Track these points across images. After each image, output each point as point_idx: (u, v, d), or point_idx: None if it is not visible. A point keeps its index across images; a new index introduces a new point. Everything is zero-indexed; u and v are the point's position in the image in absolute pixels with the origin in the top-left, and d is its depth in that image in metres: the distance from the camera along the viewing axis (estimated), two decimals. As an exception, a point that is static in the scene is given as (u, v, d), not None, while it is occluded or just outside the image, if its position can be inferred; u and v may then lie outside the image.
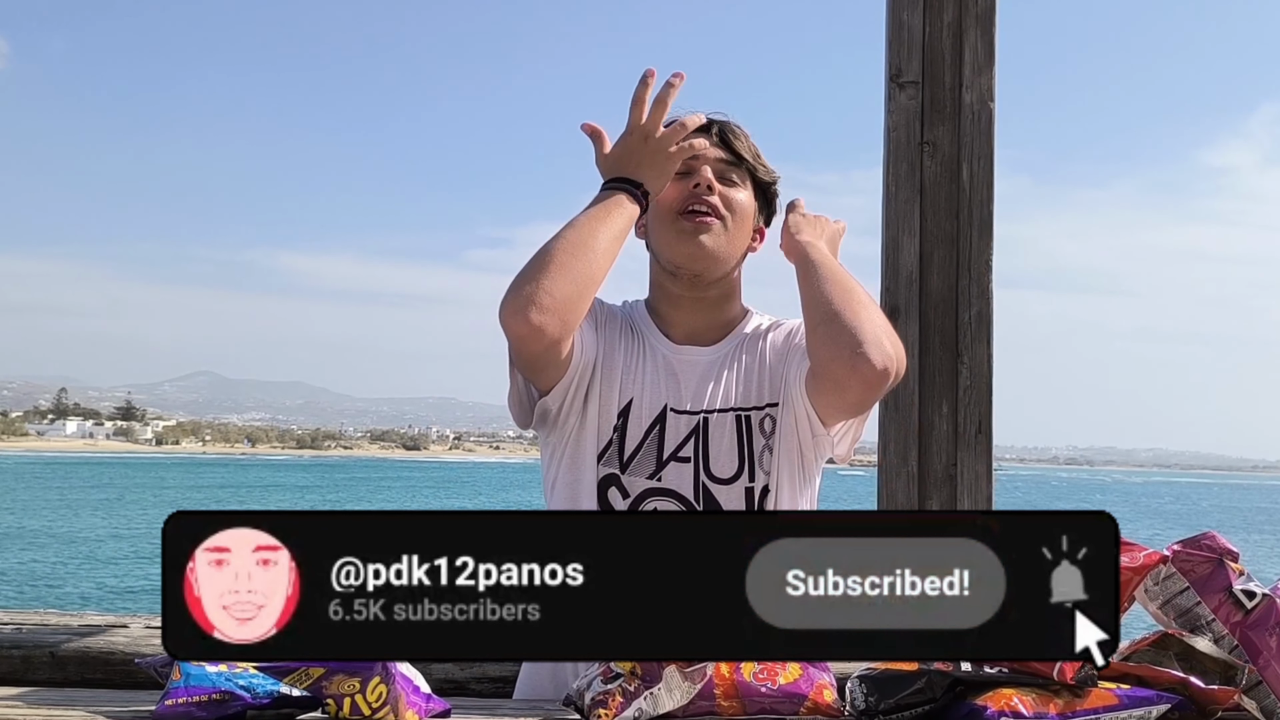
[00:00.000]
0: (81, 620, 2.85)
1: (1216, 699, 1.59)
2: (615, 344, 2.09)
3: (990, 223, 3.08)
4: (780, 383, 2.09)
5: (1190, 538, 1.73)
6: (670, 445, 2.03)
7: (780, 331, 2.17)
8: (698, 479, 2.02)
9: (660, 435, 2.03)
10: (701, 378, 2.08)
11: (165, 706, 1.48)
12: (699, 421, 2.04)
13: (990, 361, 3.04)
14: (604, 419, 2.04)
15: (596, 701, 1.53)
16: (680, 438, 2.03)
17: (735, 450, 2.04)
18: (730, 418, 2.05)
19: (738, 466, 2.03)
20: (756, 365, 2.11)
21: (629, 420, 2.03)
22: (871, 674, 1.61)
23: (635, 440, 2.03)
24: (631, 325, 2.14)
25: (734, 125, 2.12)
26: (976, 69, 3.08)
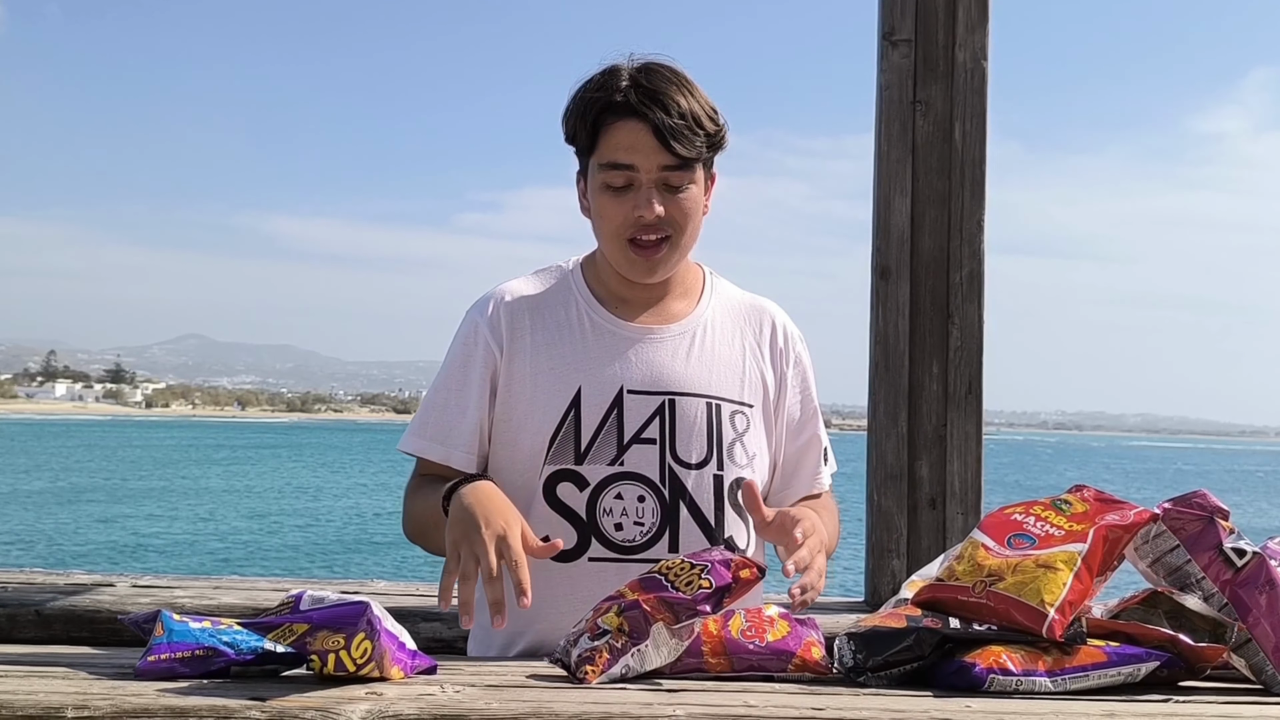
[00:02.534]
0: (68, 579, 2.84)
1: (1205, 656, 1.59)
2: (542, 340, 1.98)
3: (983, 183, 3.06)
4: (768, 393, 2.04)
5: (1181, 496, 1.72)
6: (632, 427, 1.93)
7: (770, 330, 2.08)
8: (663, 461, 1.93)
9: (619, 418, 1.93)
10: (663, 357, 1.98)
11: (148, 663, 1.47)
12: (663, 402, 1.95)
13: (981, 322, 3.03)
14: (544, 417, 1.94)
15: (583, 658, 1.52)
16: (642, 419, 1.94)
17: (704, 436, 1.95)
18: (700, 403, 1.96)
19: (706, 453, 1.95)
20: (735, 359, 2.03)
21: (581, 408, 1.94)
22: (860, 631, 1.61)
23: (592, 427, 1.93)
24: (570, 306, 2.02)
25: (674, 98, 1.89)
26: (970, 27, 3.05)
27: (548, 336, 1.99)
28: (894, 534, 2.99)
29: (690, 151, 1.89)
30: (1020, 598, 1.55)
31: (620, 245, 1.95)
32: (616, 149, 1.90)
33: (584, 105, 1.93)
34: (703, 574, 1.57)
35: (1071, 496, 1.71)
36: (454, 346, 2.03)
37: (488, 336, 1.99)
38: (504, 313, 2.00)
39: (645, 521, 1.91)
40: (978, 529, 1.70)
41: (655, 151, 1.89)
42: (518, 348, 1.98)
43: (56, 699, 1.32)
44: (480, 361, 1.99)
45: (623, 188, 1.92)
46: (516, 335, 1.99)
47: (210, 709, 1.31)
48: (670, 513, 1.92)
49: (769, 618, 1.66)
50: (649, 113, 1.88)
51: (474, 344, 2.00)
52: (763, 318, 2.10)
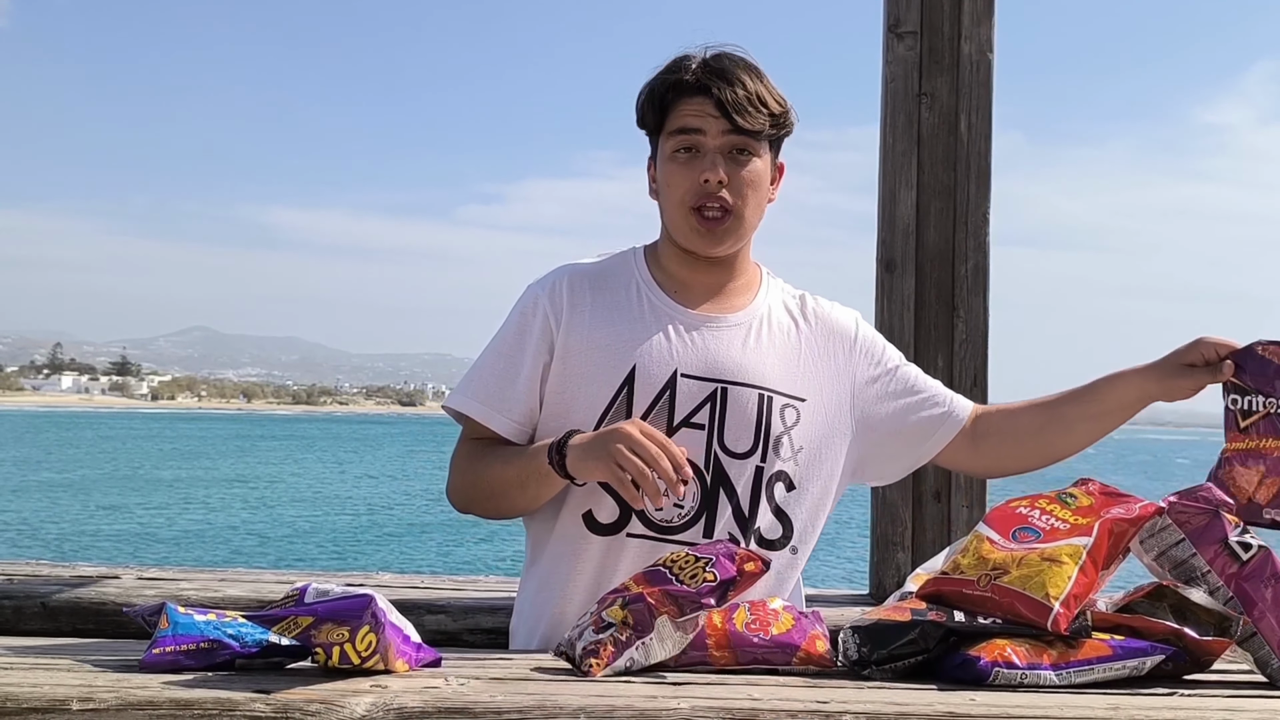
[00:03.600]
0: (73, 571, 2.85)
1: (1211, 650, 1.59)
2: (602, 316, 2.01)
3: (988, 175, 3.06)
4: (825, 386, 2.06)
5: (1186, 489, 1.72)
6: (682, 410, 1.96)
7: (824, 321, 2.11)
8: (710, 448, 1.95)
9: (671, 400, 1.96)
10: (719, 346, 2.00)
11: (153, 655, 1.47)
12: (715, 390, 1.97)
13: (986, 314, 3.02)
14: (597, 391, 1.97)
15: (588, 651, 1.53)
16: (694, 404, 1.96)
17: (752, 427, 1.97)
18: (752, 394, 1.98)
19: (752, 443, 1.97)
20: (792, 352, 2.05)
21: (635, 386, 1.96)
22: (864, 624, 1.60)
23: (643, 406, 1.96)
24: (630, 287, 2.06)
25: (740, 78, 1.96)
26: (975, 19, 3.04)
27: (607, 314, 2.02)
28: (899, 527, 2.99)
29: (752, 124, 1.95)
30: (1025, 591, 1.55)
31: (684, 213, 1.99)
32: (681, 116, 1.97)
33: (653, 86, 2.00)
34: (707, 567, 1.57)
35: (1077, 490, 1.71)
36: (511, 315, 2.07)
37: (547, 308, 2.03)
38: (565, 287, 2.04)
39: (685, 505, 1.94)
40: (982, 522, 1.70)
41: (720, 122, 1.95)
42: (576, 322, 2.01)
43: (62, 691, 1.32)
44: (537, 332, 2.02)
45: (689, 154, 1.97)
46: (576, 309, 2.02)
47: (215, 701, 1.31)
48: (710, 499, 1.95)
49: (773, 611, 1.66)
50: (714, 88, 1.94)
51: (532, 314, 2.04)
52: (817, 312, 2.12)
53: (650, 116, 2.02)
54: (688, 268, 2.06)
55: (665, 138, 2.00)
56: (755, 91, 1.96)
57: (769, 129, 1.98)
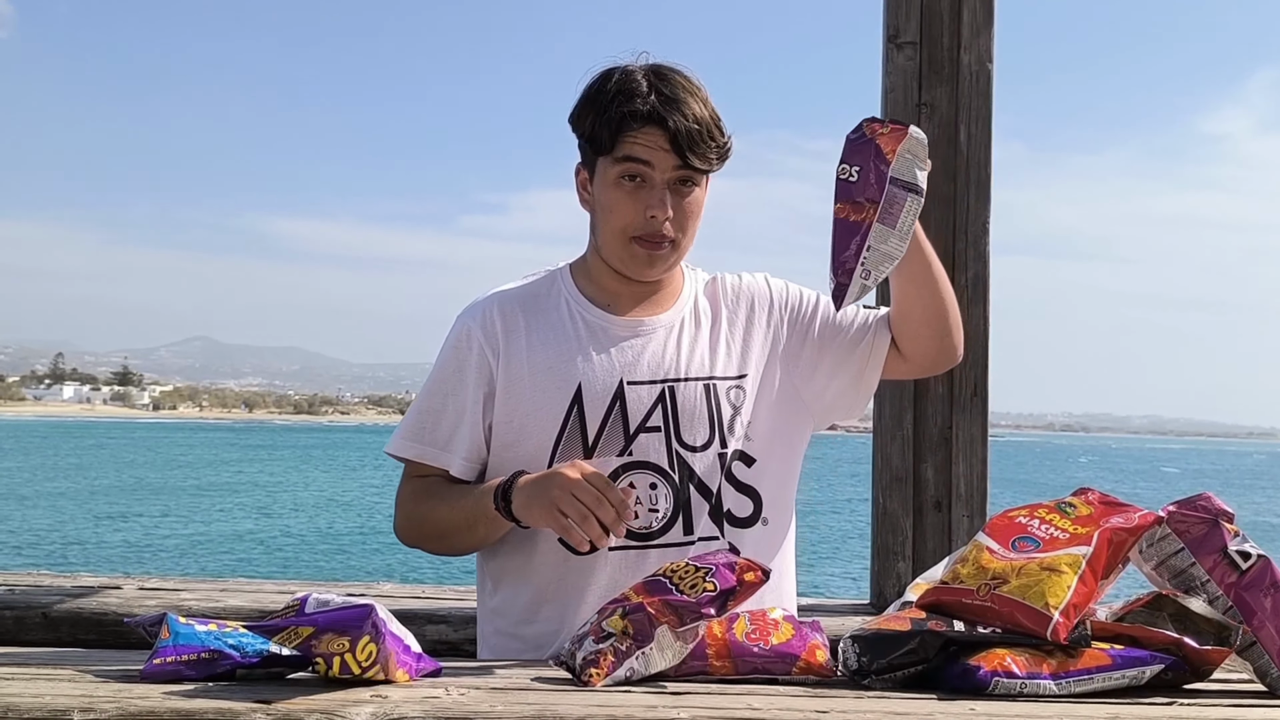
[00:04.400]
0: (75, 581, 2.85)
1: (1210, 659, 1.59)
2: (537, 340, 2.01)
3: (988, 185, 3.07)
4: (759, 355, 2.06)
5: (1186, 498, 1.72)
6: (635, 417, 1.97)
7: (740, 295, 2.12)
8: (670, 446, 1.96)
9: (623, 409, 1.96)
10: (657, 347, 2.02)
11: (154, 665, 1.47)
12: (663, 390, 1.99)
13: (987, 324, 3.03)
14: (547, 416, 1.97)
15: (588, 661, 1.53)
16: (645, 408, 1.98)
17: (705, 418, 1.99)
18: (699, 386, 2.00)
19: (709, 434, 1.98)
20: (721, 335, 2.06)
21: (584, 404, 1.97)
22: (864, 634, 1.60)
23: (596, 421, 1.96)
24: (561, 306, 2.05)
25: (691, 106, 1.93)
26: (975, 30, 3.05)
27: (542, 336, 2.01)
28: (899, 536, 2.99)
29: (703, 163, 1.94)
30: (1024, 600, 1.55)
31: (624, 242, 1.98)
32: (631, 146, 1.93)
33: (604, 106, 1.95)
34: (707, 577, 1.57)
35: (1076, 499, 1.71)
36: (445, 351, 2.06)
37: (481, 340, 2.01)
38: (497, 316, 2.03)
39: (660, 508, 1.95)
40: (982, 532, 1.70)
41: (671, 156, 1.93)
42: (513, 350, 2.01)
43: (63, 701, 1.32)
44: (474, 365, 2.01)
45: (634, 182, 1.95)
46: (511, 338, 2.01)
47: (216, 711, 1.31)
48: (681, 497, 1.96)
49: (773, 620, 1.66)
50: (669, 119, 1.91)
51: (468, 348, 2.02)
52: (723, 288, 2.13)
53: (603, 137, 1.95)
54: (618, 282, 2.06)
55: (610, 161, 1.96)
56: (704, 122, 1.93)
57: (715, 162, 1.97)
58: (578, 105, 2.00)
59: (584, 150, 2.03)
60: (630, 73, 1.96)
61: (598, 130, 1.96)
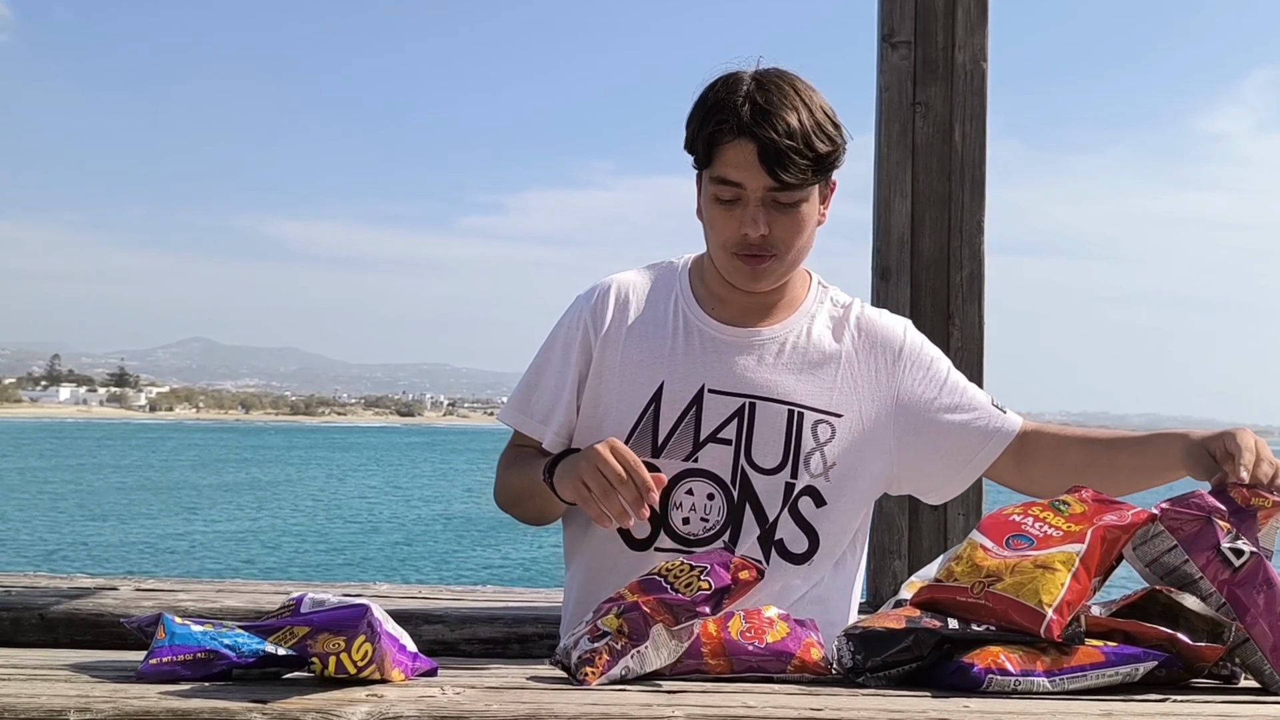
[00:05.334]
0: (71, 583, 2.85)
1: (1204, 656, 1.60)
2: (636, 333, 2.03)
3: (983, 184, 3.06)
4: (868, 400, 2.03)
5: (1179, 496, 1.73)
6: (709, 426, 1.97)
7: (874, 335, 2.08)
8: (736, 463, 1.95)
9: (698, 416, 1.97)
10: (749, 360, 2.00)
11: (150, 665, 1.47)
12: (743, 405, 1.97)
13: (982, 323, 3.03)
14: (626, 408, 1.99)
15: (584, 659, 1.53)
16: (720, 419, 1.97)
17: (782, 443, 1.97)
18: (782, 410, 1.98)
19: (781, 459, 1.97)
20: (830, 366, 2.03)
21: (661, 403, 1.98)
22: (858, 631, 1.61)
23: (670, 422, 1.97)
24: (669, 302, 2.06)
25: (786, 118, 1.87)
26: (970, 28, 3.05)
27: (642, 329, 2.04)
28: (895, 535, 2.99)
29: (794, 178, 1.88)
30: (1018, 598, 1.55)
31: (727, 256, 1.97)
32: (726, 165, 1.91)
33: (702, 118, 1.93)
34: (702, 576, 1.58)
35: (1070, 497, 1.71)
36: (558, 328, 2.11)
37: (588, 323, 2.06)
38: (606, 303, 2.07)
39: (710, 519, 1.96)
40: (976, 530, 1.70)
41: (762, 173, 1.88)
42: (611, 338, 2.04)
43: (59, 702, 1.33)
44: (579, 346, 2.06)
45: (730, 202, 1.93)
46: (613, 326, 2.05)
47: (212, 711, 1.32)
48: (735, 513, 1.96)
49: (768, 619, 1.66)
50: (759, 132, 1.86)
51: (575, 329, 2.07)
52: (861, 323, 2.08)
53: (699, 149, 1.95)
54: (729, 288, 2.04)
55: (709, 179, 1.95)
56: (801, 134, 1.87)
57: (811, 176, 1.90)
58: (689, 115, 1.98)
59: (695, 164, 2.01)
60: (732, 83, 1.92)
61: (696, 144, 1.96)
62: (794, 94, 1.90)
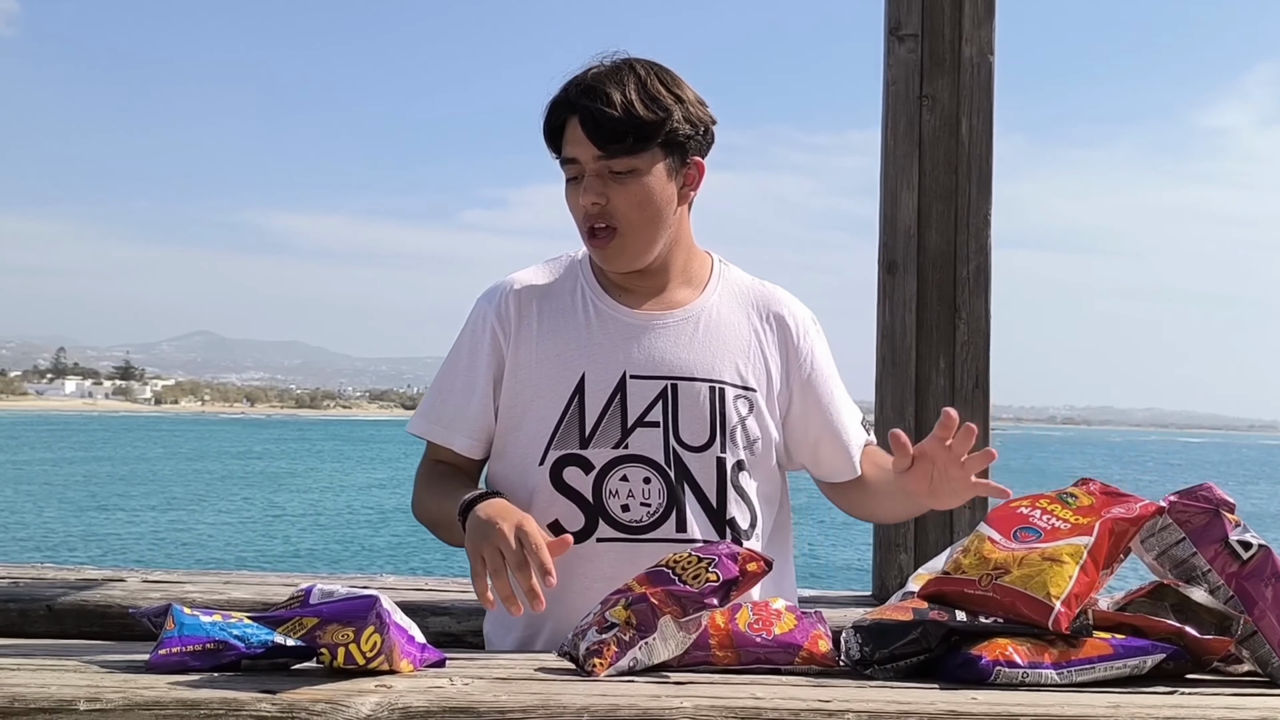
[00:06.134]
0: (79, 574, 2.86)
1: (1212, 649, 1.60)
2: (548, 327, 2.02)
3: (989, 177, 3.07)
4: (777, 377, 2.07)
5: (1187, 489, 1.73)
6: (635, 411, 1.97)
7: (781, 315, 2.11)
8: (667, 443, 1.96)
9: (623, 402, 1.97)
10: (665, 342, 2.01)
11: (159, 656, 1.48)
12: (665, 387, 1.98)
13: (988, 316, 3.03)
14: (549, 403, 1.98)
15: (591, 651, 1.53)
16: (645, 403, 1.98)
17: (707, 419, 1.99)
18: (703, 387, 2.00)
19: (709, 436, 1.98)
20: (740, 344, 2.05)
21: (585, 394, 1.98)
22: (866, 624, 1.61)
23: (596, 412, 1.97)
24: (575, 294, 2.06)
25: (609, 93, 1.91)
26: (976, 22, 3.05)
27: (553, 324, 2.03)
28: (901, 528, 2.99)
29: (614, 140, 1.91)
30: (1026, 590, 1.55)
31: (583, 237, 2.01)
32: (565, 145, 1.97)
33: (548, 106, 1.99)
34: (710, 567, 1.58)
35: (1077, 490, 1.71)
36: (463, 333, 2.10)
37: (495, 324, 2.04)
38: (512, 301, 2.05)
39: (652, 502, 1.95)
40: (984, 522, 1.70)
41: (588, 144, 1.93)
42: (524, 335, 2.02)
43: (69, 692, 1.33)
44: (487, 348, 2.04)
45: (574, 180, 1.98)
46: (523, 323, 2.03)
47: (221, 702, 1.32)
48: (675, 495, 1.96)
49: (776, 611, 1.66)
50: (582, 105, 1.92)
51: (482, 331, 2.05)
52: (771, 304, 2.12)
53: (548, 139, 1.99)
54: (624, 277, 2.06)
55: (559, 164, 2.00)
56: (623, 104, 1.90)
57: (634, 142, 1.91)
58: None
59: None
60: (575, 73, 1.97)
61: (546, 133, 2.00)
62: (629, 72, 1.95)
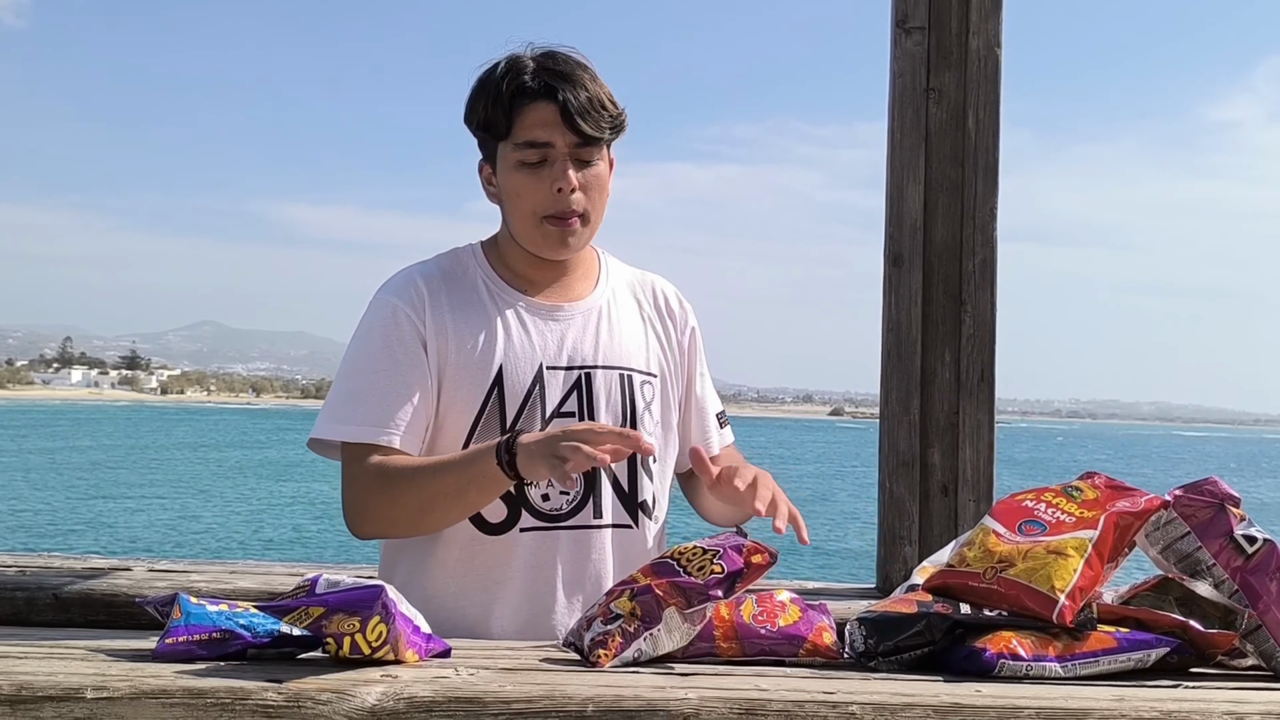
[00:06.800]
0: (85, 563, 2.86)
1: (1216, 643, 1.60)
2: (461, 320, 1.99)
3: (995, 170, 3.06)
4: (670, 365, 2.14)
5: (1192, 483, 1.73)
6: (552, 401, 1.99)
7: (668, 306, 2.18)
8: None
9: (541, 394, 1.98)
10: (575, 333, 2.04)
11: (166, 645, 1.48)
12: (579, 376, 2.02)
13: (994, 309, 3.02)
14: (469, 396, 1.96)
15: (596, 642, 1.54)
16: (561, 393, 2.00)
17: (619, 406, 2.03)
18: (614, 375, 2.04)
19: (621, 423, 2.02)
20: (638, 332, 2.12)
21: (504, 387, 1.97)
22: (871, 616, 1.61)
23: (516, 404, 1.97)
24: (478, 286, 2.04)
25: (580, 79, 1.96)
26: (983, 14, 3.04)
27: (465, 317, 2.00)
28: (906, 521, 2.99)
29: (597, 131, 1.97)
30: (1031, 584, 1.56)
31: (535, 222, 2.00)
32: (531, 128, 1.96)
33: (495, 90, 1.97)
34: (715, 559, 1.58)
35: (1082, 483, 1.72)
36: (370, 330, 1.99)
37: (410, 315, 1.98)
38: (420, 294, 2.00)
39: (570, 491, 1.97)
40: (989, 515, 1.71)
41: (566, 130, 1.96)
42: (439, 327, 1.98)
43: (76, 680, 1.34)
44: (408, 339, 1.97)
45: (537, 164, 1.98)
46: (436, 315, 1.99)
47: (228, 690, 1.32)
48: (591, 481, 1.99)
49: (780, 603, 1.67)
50: (559, 92, 1.95)
51: (395, 324, 1.97)
52: (655, 292, 2.20)
53: (498, 121, 1.97)
54: (533, 265, 2.07)
55: (511, 147, 1.97)
56: (595, 94, 1.97)
57: (609, 133, 2.00)
58: (469, 99, 2.02)
59: (483, 143, 2.05)
60: (517, 58, 1.99)
61: (492, 115, 1.98)
62: (580, 64, 2.00)
